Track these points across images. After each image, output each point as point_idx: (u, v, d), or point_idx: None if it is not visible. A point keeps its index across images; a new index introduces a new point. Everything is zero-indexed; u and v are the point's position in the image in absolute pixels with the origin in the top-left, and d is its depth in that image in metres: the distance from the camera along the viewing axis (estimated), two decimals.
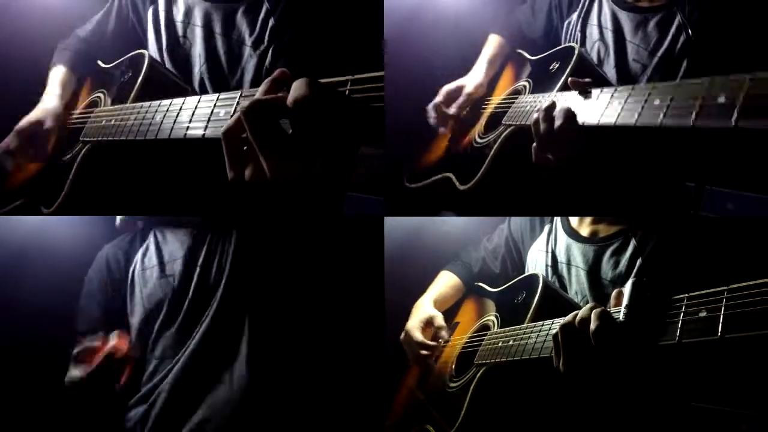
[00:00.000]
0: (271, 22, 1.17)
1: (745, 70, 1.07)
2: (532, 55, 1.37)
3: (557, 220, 1.28)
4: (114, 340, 1.15)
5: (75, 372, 1.15)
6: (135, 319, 1.18)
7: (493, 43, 1.48)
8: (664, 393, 1.06)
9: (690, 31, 1.12)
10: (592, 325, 0.89)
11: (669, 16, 1.15)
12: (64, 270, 1.31)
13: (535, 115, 1.04)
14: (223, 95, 0.93)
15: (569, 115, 0.99)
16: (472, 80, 1.42)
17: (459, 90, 1.41)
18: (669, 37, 1.14)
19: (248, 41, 1.17)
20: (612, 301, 0.94)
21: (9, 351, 1.31)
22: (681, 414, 1.12)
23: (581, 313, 0.94)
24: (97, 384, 1.14)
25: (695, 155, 1.22)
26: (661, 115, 0.81)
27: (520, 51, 1.41)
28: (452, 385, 1.21)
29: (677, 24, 1.13)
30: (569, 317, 0.95)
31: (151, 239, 1.22)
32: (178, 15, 1.22)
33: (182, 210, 1.21)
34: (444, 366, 1.28)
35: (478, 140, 1.31)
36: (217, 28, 1.19)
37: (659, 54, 1.14)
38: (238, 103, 0.90)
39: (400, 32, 1.49)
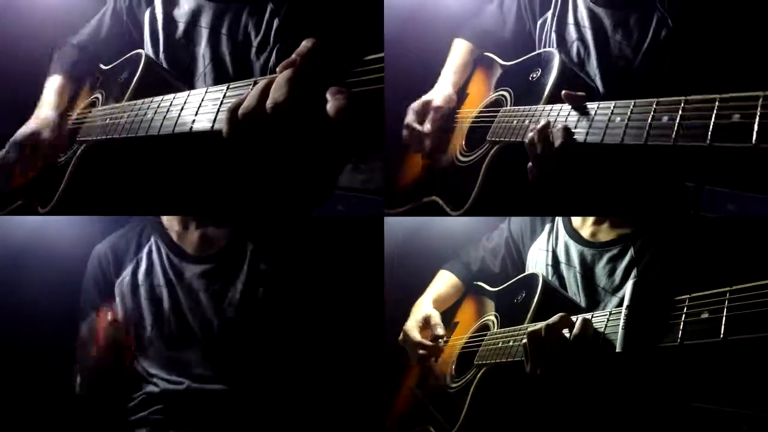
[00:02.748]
0: (275, 23, 1.16)
1: (728, 63, 1.08)
2: (504, 60, 1.32)
3: (559, 218, 1.27)
4: (105, 317, 1.16)
5: (83, 373, 1.16)
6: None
7: (459, 50, 1.42)
8: (665, 393, 1.06)
9: (671, 24, 1.09)
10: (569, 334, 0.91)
11: (648, 11, 1.12)
12: (63, 270, 1.31)
13: (530, 135, 1.02)
14: (211, 89, 0.94)
15: (567, 133, 0.97)
16: (439, 93, 1.34)
17: (427, 105, 1.33)
18: (651, 32, 1.11)
19: (254, 42, 1.16)
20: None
21: (9, 351, 1.31)
22: (681, 414, 1.12)
23: (549, 320, 0.95)
24: (109, 362, 1.15)
25: (695, 155, 1.22)
26: (673, 135, 0.81)
27: (489, 54, 1.37)
28: (453, 385, 1.21)
29: (657, 18, 1.11)
30: (539, 325, 0.97)
31: (144, 252, 1.23)
32: (181, 15, 1.22)
33: (179, 209, 1.22)
34: (444, 366, 1.28)
35: (461, 158, 1.26)
36: (223, 29, 1.19)
37: (643, 50, 1.12)
38: (225, 96, 0.90)
39: (400, 32, 1.48)
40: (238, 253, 1.19)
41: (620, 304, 0.93)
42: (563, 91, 1.02)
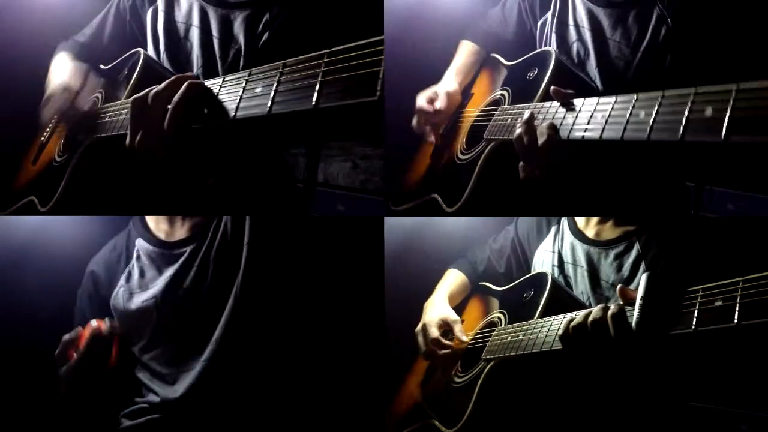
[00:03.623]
0: (265, 36, 1.16)
1: (728, 60, 1.07)
2: (507, 60, 1.33)
3: (564, 220, 1.28)
4: (93, 323, 1.15)
5: (63, 369, 1.16)
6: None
7: (464, 51, 1.44)
8: (665, 391, 1.06)
9: (670, 22, 1.09)
10: (611, 328, 0.91)
11: (647, 9, 1.12)
12: (63, 270, 1.31)
13: (518, 131, 1.03)
14: (208, 82, 0.94)
15: (552, 130, 0.98)
16: (445, 84, 1.37)
17: (435, 93, 1.35)
18: (650, 31, 1.11)
19: (243, 51, 1.17)
20: (618, 296, 0.94)
21: (9, 351, 1.31)
22: (681, 414, 1.12)
23: (594, 313, 0.94)
24: (89, 367, 1.14)
25: (693, 156, 1.22)
26: (648, 130, 0.81)
27: (494, 55, 1.38)
28: (458, 380, 1.21)
29: (656, 16, 1.11)
30: (580, 317, 0.96)
31: (134, 262, 1.22)
32: (180, 15, 1.22)
33: (179, 209, 1.21)
34: (449, 362, 1.28)
35: (461, 156, 1.27)
36: (215, 32, 1.19)
37: (642, 49, 1.12)
38: (220, 88, 0.92)
39: (400, 32, 1.48)
40: (234, 250, 1.19)
41: None
42: (552, 87, 1.03)
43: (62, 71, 1.28)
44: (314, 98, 0.79)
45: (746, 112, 0.71)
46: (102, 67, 1.28)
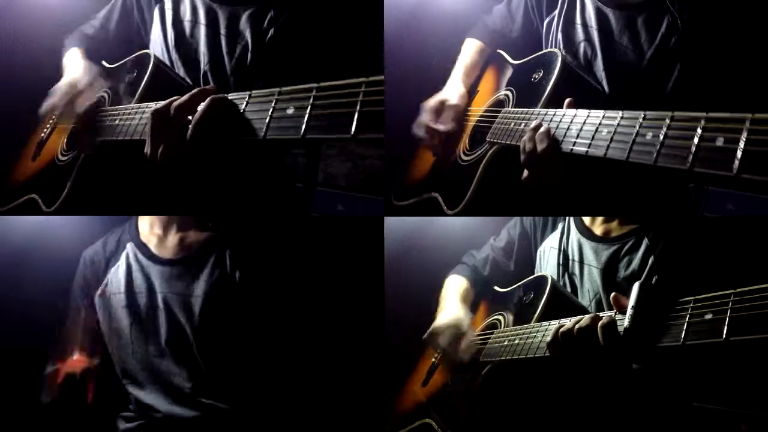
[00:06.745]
0: (271, 32, 1.16)
1: (738, 75, 1.06)
2: (513, 58, 1.32)
3: (570, 218, 1.27)
4: (70, 360, 1.15)
5: (44, 396, 1.16)
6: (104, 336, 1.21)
7: (470, 50, 1.42)
8: (665, 393, 1.06)
9: (681, 30, 1.07)
10: (601, 338, 0.91)
11: (658, 15, 1.10)
12: (63, 270, 1.31)
13: (525, 137, 1.02)
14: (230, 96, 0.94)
15: (551, 140, 0.97)
16: (453, 91, 1.35)
17: (442, 104, 1.33)
18: (659, 38, 1.09)
19: (250, 46, 1.17)
20: (612, 303, 0.95)
21: (9, 351, 1.31)
22: (681, 414, 1.12)
23: (582, 322, 0.95)
24: (67, 404, 1.14)
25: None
26: (655, 154, 0.78)
27: (501, 52, 1.37)
28: (458, 381, 1.21)
29: (667, 23, 1.08)
30: (569, 324, 0.97)
31: (122, 259, 1.22)
32: (186, 14, 1.22)
33: (182, 210, 1.21)
34: (448, 365, 1.28)
35: (464, 157, 1.26)
36: (222, 29, 1.19)
37: (649, 56, 1.10)
38: (246, 104, 0.91)
39: (400, 32, 1.48)
40: (231, 253, 1.18)
41: None
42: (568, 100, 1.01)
43: (74, 68, 1.28)
44: (353, 128, 0.79)
45: (760, 145, 0.67)
46: (106, 65, 1.28)
